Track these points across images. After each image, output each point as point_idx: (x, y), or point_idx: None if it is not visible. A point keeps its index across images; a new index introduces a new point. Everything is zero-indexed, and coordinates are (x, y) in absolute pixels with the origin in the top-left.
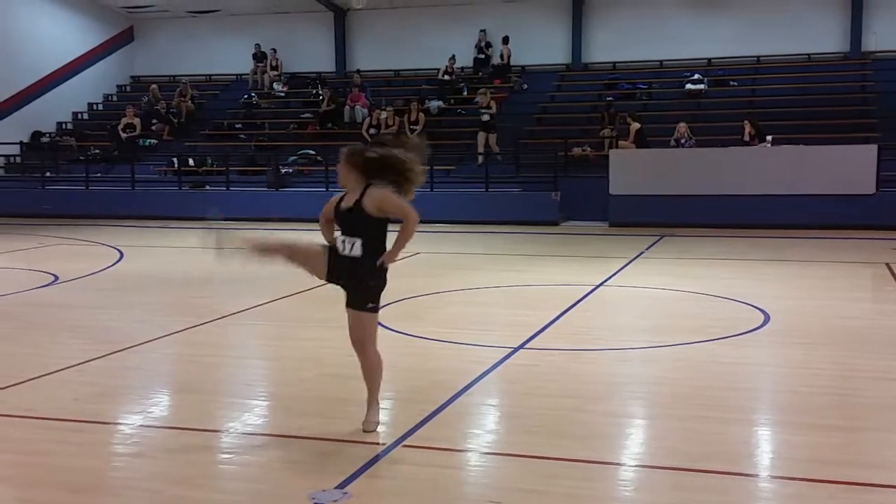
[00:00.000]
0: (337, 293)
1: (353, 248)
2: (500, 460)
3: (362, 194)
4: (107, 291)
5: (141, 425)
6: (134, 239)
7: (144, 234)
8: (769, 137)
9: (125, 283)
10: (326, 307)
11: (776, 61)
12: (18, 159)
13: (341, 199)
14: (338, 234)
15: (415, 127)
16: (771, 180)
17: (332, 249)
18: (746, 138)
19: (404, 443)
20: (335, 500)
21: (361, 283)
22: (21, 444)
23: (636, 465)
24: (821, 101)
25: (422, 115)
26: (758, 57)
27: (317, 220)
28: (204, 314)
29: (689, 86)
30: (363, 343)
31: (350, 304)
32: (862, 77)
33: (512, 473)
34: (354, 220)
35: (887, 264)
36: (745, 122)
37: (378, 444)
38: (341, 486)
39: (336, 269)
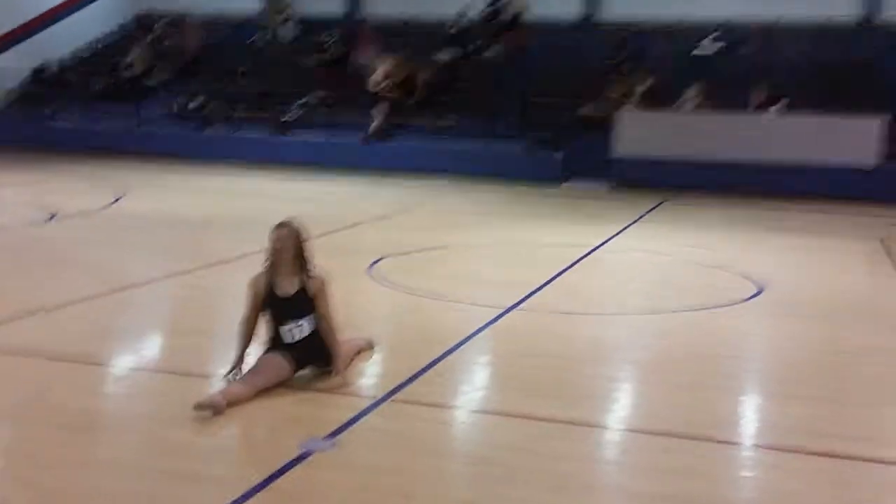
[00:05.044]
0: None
1: (302, 331)
2: (490, 418)
3: (303, 279)
4: (108, 229)
5: (136, 367)
6: (136, 177)
7: (147, 174)
8: (783, 101)
9: (126, 221)
10: (330, 253)
11: (791, 25)
12: (22, 92)
13: (269, 285)
14: (284, 328)
15: (412, 81)
16: (777, 149)
17: (285, 351)
18: (757, 104)
19: (394, 397)
20: (324, 450)
21: (328, 357)
22: (16, 382)
23: (625, 429)
24: (834, 69)
25: (428, 68)
26: (772, 20)
27: (320, 165)
28: (205, 257)
29: (700, 48)
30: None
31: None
32: (877, 47)
33: (501, 431)
34: (301, 304)
35: (881, 239)
36: (758, 87)
37: (370, 397)
38: (331, 436)
39: (298, 361)
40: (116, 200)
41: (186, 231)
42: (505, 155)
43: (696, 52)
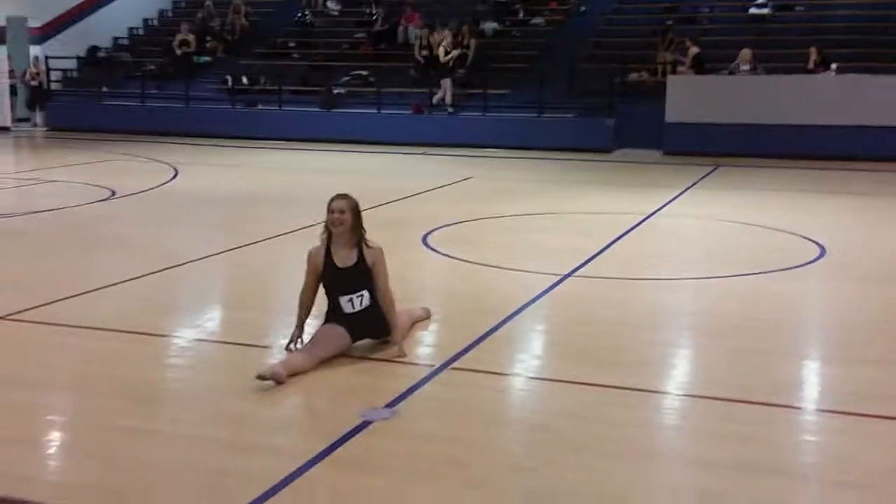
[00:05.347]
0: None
1: (361, 301)
2: (547, 385)
3: (361, 251)
4: (163, 207)
5: (196, 339)
6: (188, 156)
7: (198, 152)
8: (834, 65)
9: (180, 199)
10: (384, 225)
11: None
12: (75, 74)
13: (327, 256)
14: (343, 298)
15: (466, 50)
16: (833, 110)
17: (344, 322)
18: (811, 66)
19: (452, 366)
20: (385, 419)
21: (386, 328)
22: (82, 353)
23: (683, 394)
24: (889, 29)
25: (473, 41)
26: None
27: (366, 142)
28: (258, 233)
29: (752, 10)
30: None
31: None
32: None
33: (558, 398)
34: (360, 275)
35: None
36: (812, 48)
37: (428, 366)
38: (391, 405)
39: (356, 331)
40: (171, 179)
41: (239, 207)
42: (556, 124)
43: (747, 13)
